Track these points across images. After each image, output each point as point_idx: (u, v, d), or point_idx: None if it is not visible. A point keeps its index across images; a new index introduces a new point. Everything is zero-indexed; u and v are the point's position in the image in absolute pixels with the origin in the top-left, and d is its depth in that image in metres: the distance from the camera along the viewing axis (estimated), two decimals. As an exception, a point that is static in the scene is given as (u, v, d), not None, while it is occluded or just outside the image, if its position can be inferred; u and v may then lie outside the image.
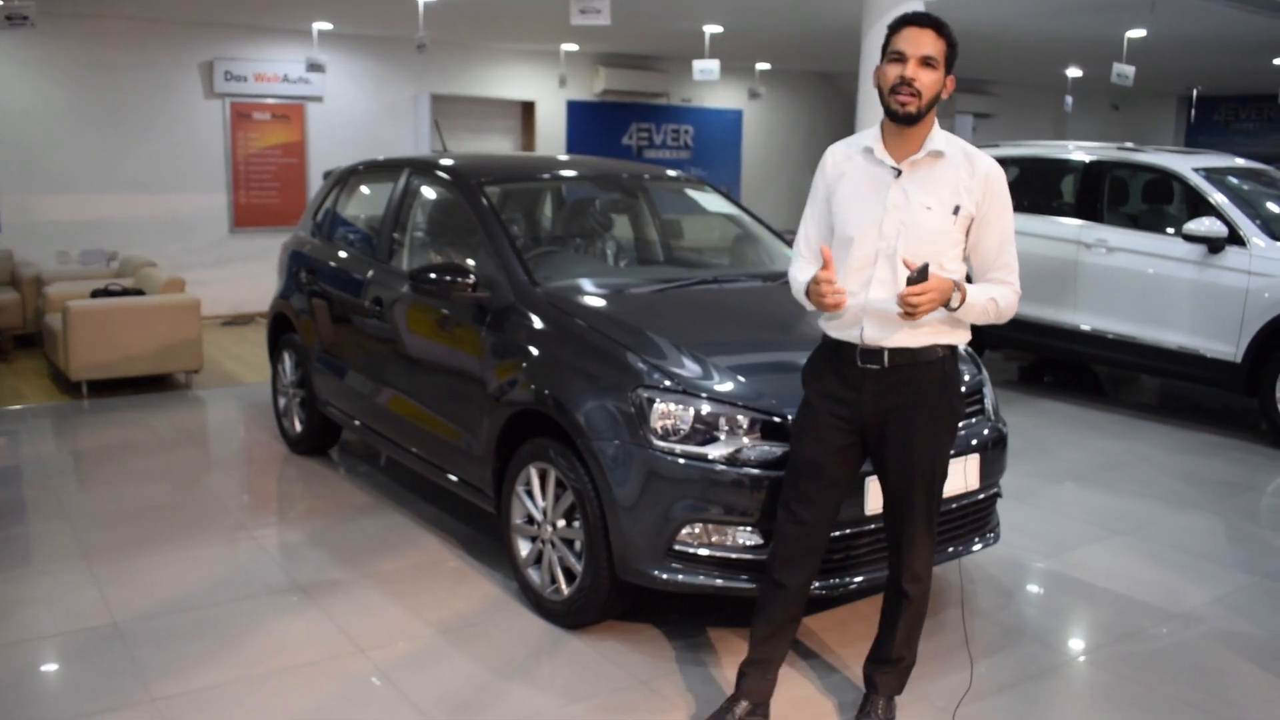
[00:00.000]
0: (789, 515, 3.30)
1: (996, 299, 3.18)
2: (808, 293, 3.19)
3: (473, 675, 3.78)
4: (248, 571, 4.70)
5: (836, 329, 3.22)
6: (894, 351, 3.14)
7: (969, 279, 3.22)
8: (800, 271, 3.33)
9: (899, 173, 3.13)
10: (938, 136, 3.14)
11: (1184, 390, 8.80)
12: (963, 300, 3.07)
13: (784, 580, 3.33)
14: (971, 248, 3.20)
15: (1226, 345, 7.13)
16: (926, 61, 3.03)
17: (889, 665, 3.46)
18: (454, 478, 4.78)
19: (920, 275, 2.94)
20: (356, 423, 5.67)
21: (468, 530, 5.20)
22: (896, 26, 3.08)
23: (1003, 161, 8.81)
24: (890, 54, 3.08)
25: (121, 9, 10.54)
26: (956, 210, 3.11)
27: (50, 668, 3.86)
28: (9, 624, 4.15)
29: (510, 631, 4.11)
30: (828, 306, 3.10)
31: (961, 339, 3.25)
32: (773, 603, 3.36)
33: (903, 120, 3.07)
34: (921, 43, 3.03)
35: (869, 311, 3.13)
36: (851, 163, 3.23)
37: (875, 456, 3.29)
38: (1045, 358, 9.49)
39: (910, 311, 2.96)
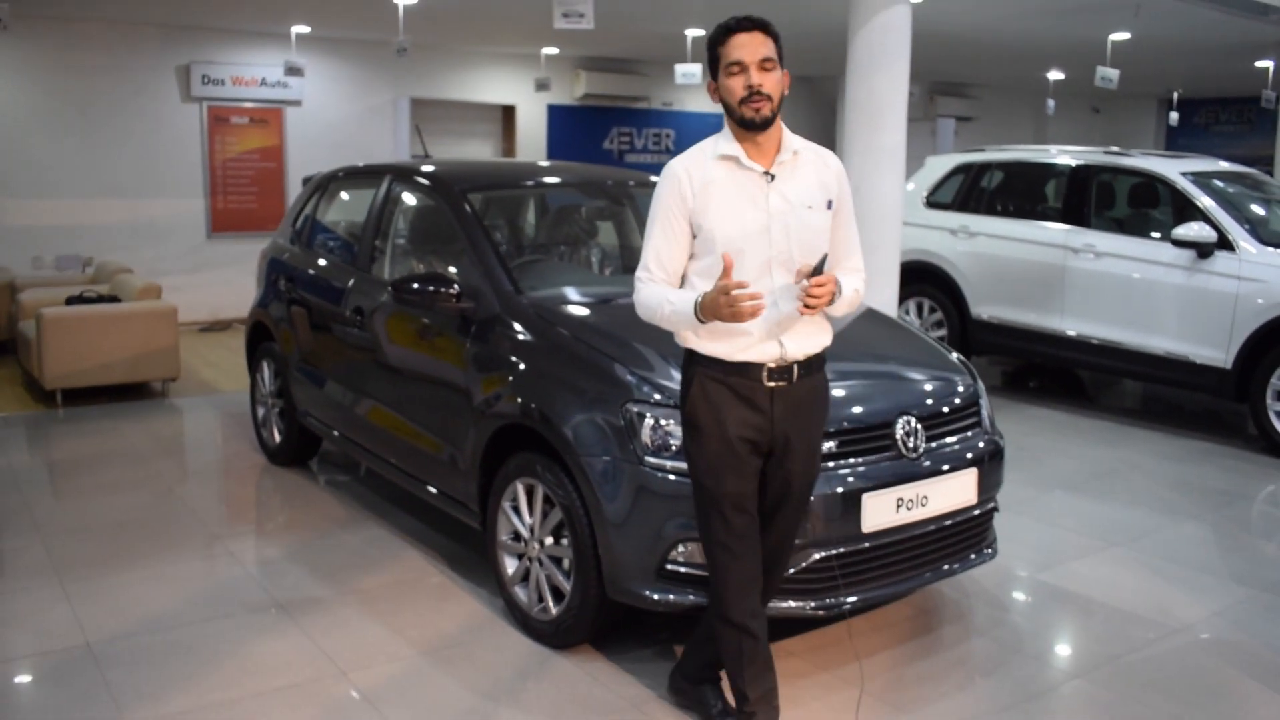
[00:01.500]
0: (731, 555, 3.15)
1: (859, 289, 3.20)
2: (701, 309, 2.94)
3: (458, 698, 3.67)
4: (225, 588, 4.58)
5: (742, 350, 3.05)
6: (802, 363, 3.11)
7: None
8: (668, 293, 3.07)
9: (771, 177, 3.06)
10: (790, 137, 3.12)
11: (1169, 395, 8.76)
12: (839, 294, 3.07)
13: (747, 623, 3.19)
14: (831, 240, 3.17)
15: (1216, 351, 7.08)
16: (765, 64, 3.00)
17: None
18: (435, 490, 4.67)
19: (819, 267, 2.95)
20: (336, 433, 5.55)
21: (450, 545, 5.08)
22: (722, 37, 3.02)
23: (987, 166, 8.79)
24: (728, 66, 3.01)
25: (97, 12, 10.38)
26: (829, 205, 3.13)
27: (20, 690, 3.73)
28: (-22, 646, 4.02)
29: (496, 652, 4.00)
30: (745, 316, 2.86)
31: (830, 338, 3.24)
32: (750, 643, 3.22)
33: (759, 126, 3.01)
34: (756, 47, 2.99)
35: (785, 324, 3.05)
36: (711, 174, 3.06)
37: (775, 471, 3.17)
38: (1031, 363, 9.44)
39: (813, 305, 2.91)
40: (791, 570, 3.58)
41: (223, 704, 3.59)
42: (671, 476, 3.56)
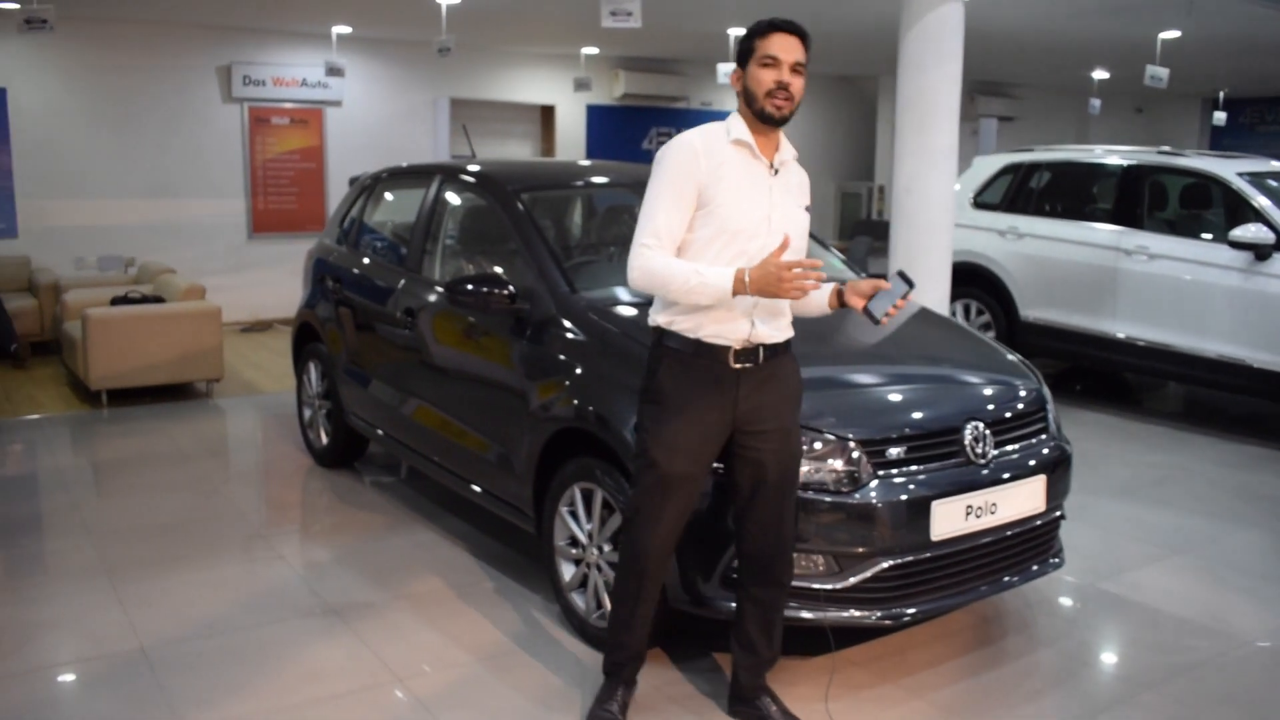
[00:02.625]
0: (653, 524, 3.26)
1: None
2: (752, 283, 2.98)
3: (516, 706, 3.61)
4: (277, 592, 4.54)
5: (709, 330, 3.14)
6: (768, 346, 3.20)
7: None
8: (682, 263, 3.09)
9: (776, 172, 3.22)
10: (785, 141, 3.28)
11: (1216, 399, 8.60)
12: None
13: (658, 581, 3.37)
14: None
15: (1275, 355, 6.93)
16: (797, 67, 3.12)
17: (771, 663, 3.48)
18: (491, 493, 4.61)
19: (908, 281, 3.22)
20: (382, 433, 5.51)
21: (501, 549, 5.03)
22: (764, 31, 3.13)
23: (1036, 166, 8.67)
24: (762, 58, 3.11)
25: (140, 13, 10.41)
26: (808, 209, 3.33)
27: (77, 695, 3.70)
28: (33, 648, 3.99)
29: (553, 659, 3.93)
30: (802, 293, 2.99)
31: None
32: (650, 603, 3.39)
33: (777, 122, 3.15)
34: (793, 50, 3.12)
35: (761, 307, 3.15)
36: (725, 154, 3.16)
37: (747, 453, 3.24)
38: (1077, 366, 9.30)
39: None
40: (856, 579, 3.51)
41: (280, 710, 3.55)
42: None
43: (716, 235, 3.12)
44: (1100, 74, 14.64)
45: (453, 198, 5.38)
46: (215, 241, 11.47)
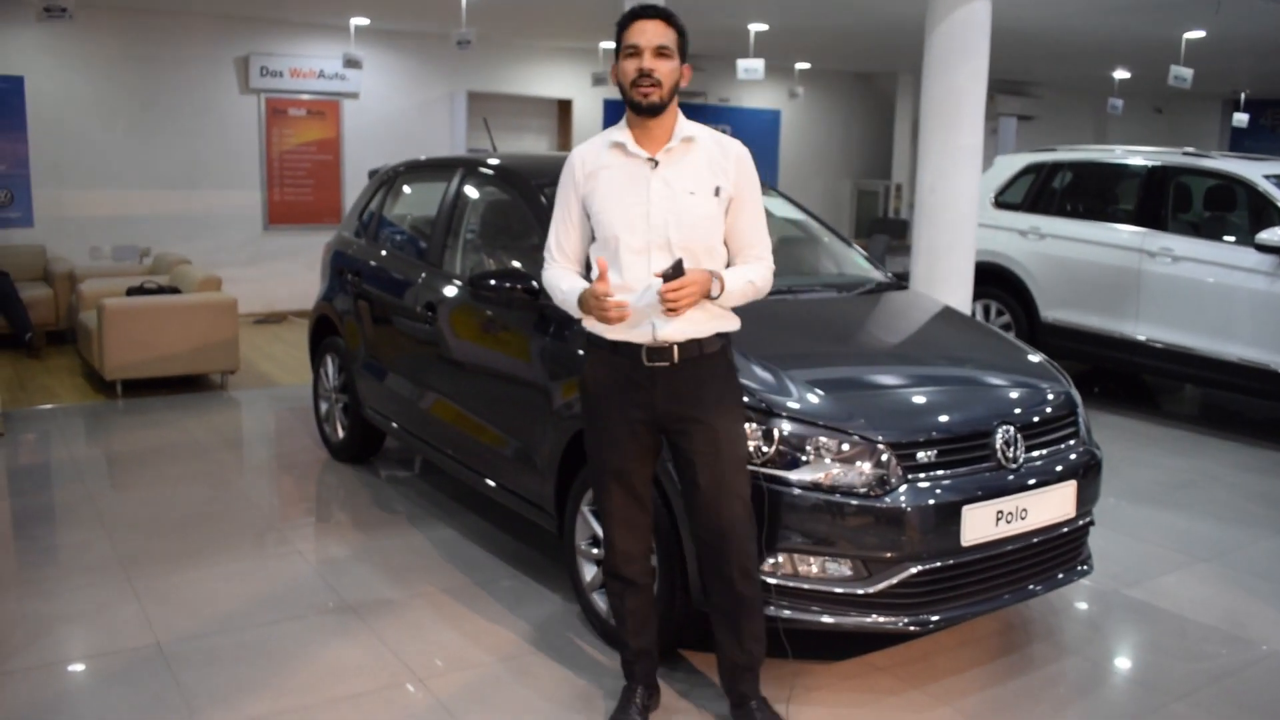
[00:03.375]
0: (612, 520, 3.31)
1: (753, 280, 3.21)
2: (582, 304, 3.12)
3: (536, 708, 3.56)
4: (293, 588, 4.50)
5: (616, 330, 3.15)
6: (683, 346, 3.14)
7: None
8: (562, 279, 3.25)
9: (655, 163, 3.13)
10: (685, 124, 3.18)
11: (1236, 403, 8.51)
12: (722, 288, 3.10)
13: (634, 578, 3.36)
14: (730, 228, 3.22)
15: (1300, 360, 6.86)
16: (661, 51, 3.06)
17: (747, 668, 3.34)
18: (510, 490, 4.56)
19: (675, 271, 2.96)
20: (396, 426, 5.47)
21: (518, 546, 4.98)
22: (625, 23, 3.11)
23: (1059, 166, 8.58)
24: (625, 49, 3.09)
25: (158, 3, 10.39)
26: (718, 191, 3.15)
27: (93, 691, 3.65)
28: (48, 642, 3.95)
29: (574, 660, 3.89)
30: (611, 320, 3.03)
31: (734, 324, 3.27)
32: (634, 597, 3.38)
33: (647, 111, 3.08)
34: (654, 34, 3.07)
35: (655, 307, 3.07)
36: (602, 160, 3.19)
37: (682, 458, 3.22)
38: (1099, 368, 9.22)
39: (672, 308, 2.96)
40: (884, 585, 3.45)
41: (298, 710, 3.50)
42: (763, 484, 3.43)
43: (603, 244, 3.16)
44: (1121, 74, 14.54)
45: (475, 191, 5.33)
46: (231, 233, 11.45)
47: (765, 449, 3.47)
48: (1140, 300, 7.74)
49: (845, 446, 3.48)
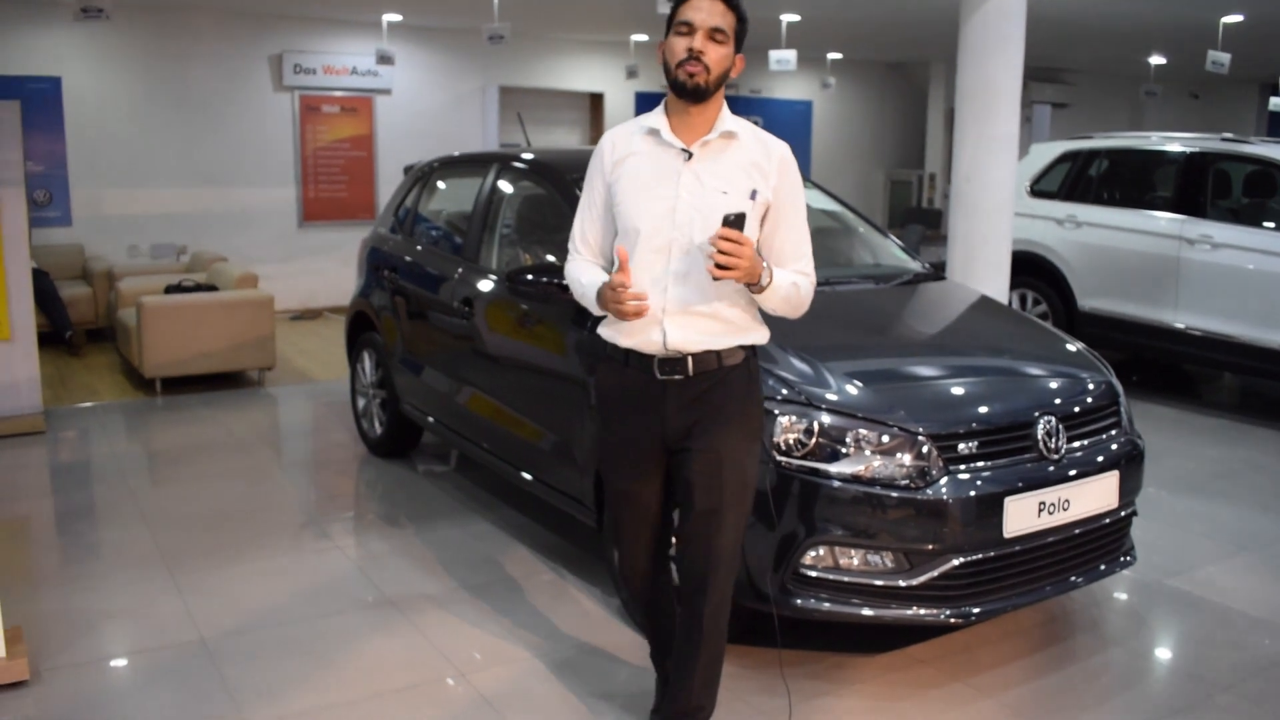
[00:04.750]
0: (621, 541, 3.18)
1: (799, 284, 2.91)
2: (600, 298, 2.86)
3: (579, 702, 3.56)
4: (335, 583, 4.53)
5: (627, 335, 2.90)
6: (698, 358, 2.87)
7: None
8: (583, 272, 3.00)
9: (689, 155, 2.85)
10: (729, 117, 2.90)
11: (1275, 391, 8.43)
12: (770, 280, 2.80)
13: (640, 593, 3.26)
14: (766, 238, 2.92)
15: (1344, 347, 6.77)
16: (715, 34, 2.78)
17: (688, 716, 3.06)
18: (547, 484, 4.57)
19: (737, 221, 2.64)
20: (434, 420, 5.50)
21: (557, 540, 4.99)
22: None
23: (1095, 154, 8.50)
24: (677, 25, 2.82)
25: (192, 2, 10.46)
26: (754, 195, 2.85)
27: (139, 686, 3.69)
28: (93, 638, 4.00)
29: (614, 654, 3.89)
30: (628, 316, 2.76)
31: (762, 337, 2.99)
32: (653, 613, 3.28)
33: (690, 94, 2.80)
34: (711, 13, 2.78)
35: (670, 313, 2.84)
36: (633, 146, 2.91)
37: (679, 473, 2.95)
38: (1134, 356, 9.14)
39: (723, 265, 2.63)
40: (926, 577, 3.44)
41: (343, 705, 3.52)
42: (802, 476, 3.42)
43: (622, 236, 2.90)
44: (1157, 59, 14.38)
45: (510, 186, 5.34)
46: (266, 230, 11.53)
47: (805, 441, 3.46)
48: (1179, 288, 7.66)
49: (885, 438, 3.47)
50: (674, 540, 3.28)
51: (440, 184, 6.13)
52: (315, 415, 7.51)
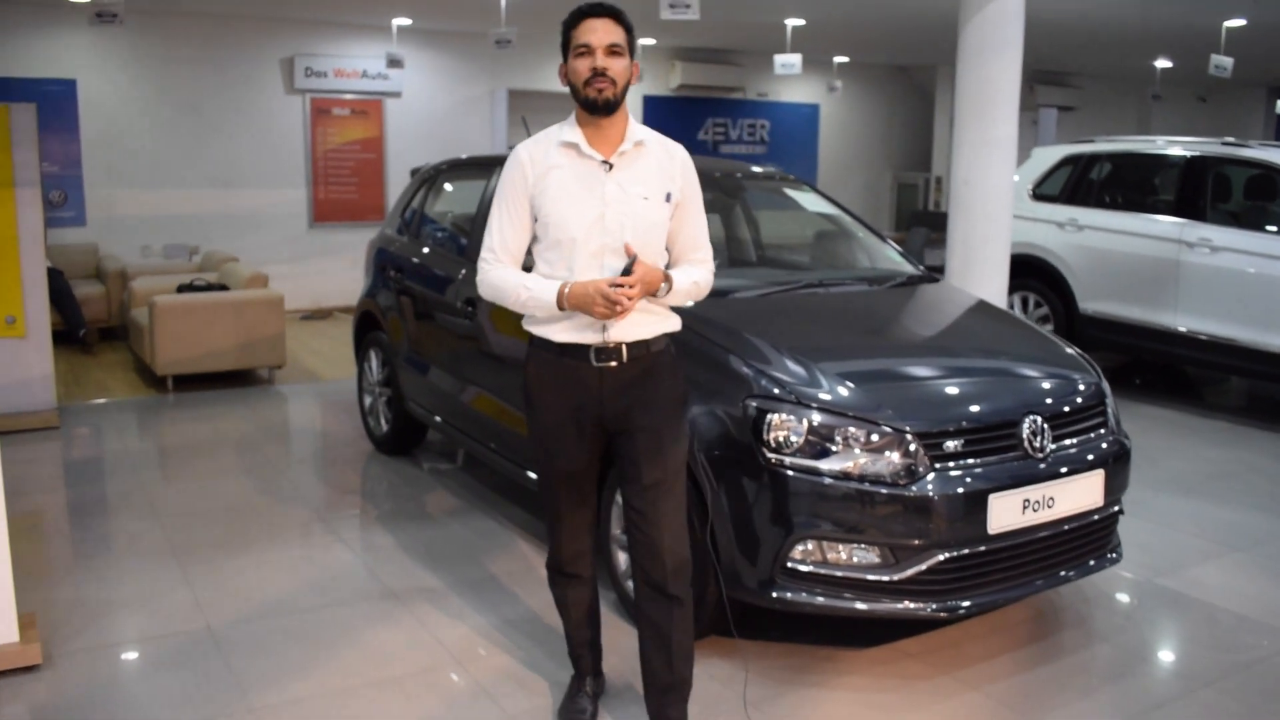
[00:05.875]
0: (557, 518, 3.32)
1: (698, 280, 3.19)
2: (568, 299, 2.99)
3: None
4: (339, 576, 4.64)
5: (564, 332, 3.09)
6: (631, 345, 3.10)
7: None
8: (525, 278, 3.10)
9: (610, 166, 3.06)
10: (636, 127, 3.13)
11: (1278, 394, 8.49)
12: (670, 287, 3.07)
13: (578, 572, 3.38)
14: (674, 232, 3.18)
15: (1341, 351, 6.84)
16: (612, 49, 3.01)
17: (675, 691, 3.23)
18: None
19: (628, 270, 2.94)
20: (439, 419, 5.60)
21: (558, 536, 5.09)
22: (574, 21, 3.06)
23: (1097, 157, 8.58)
24: (576, 49, 3.03)
25: (205, 6, 10.60)
26: (668, 197, 3.11)
27: (148, 672, 3.81)
28: (104, 625, 4.11)
29: (610, 646, 3.97)
30: (618, 315, 2.96)
31: (676, 325, 3.24)
32: (575, 591, 3.41)
33: (602, 109, 3.01)
34: (606, 33, 3.01)
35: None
36: (553, 160, 3.08)
37: (621, 452, 3.17)
38: (1136, 359, 9.21)
39: (622, 308, 2.91)
40: (912, 571, 3.53)
41: (343, 691, 3.63)
42: (792, 473, 3.52)
43: (551, 246, 3.07)
44: (1163, 63, 14.43)
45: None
46: (277, 230, 11.67)
47: (795, 439, 3.56)
48: (1179, 291, 7.73)
49: (874, 437, 3.56)
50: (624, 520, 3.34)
51: (445, 186, 6.24)
52: (323, 413, 7.63)
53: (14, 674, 3.70)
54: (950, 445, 3.60)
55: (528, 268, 3.18)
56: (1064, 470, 3.76)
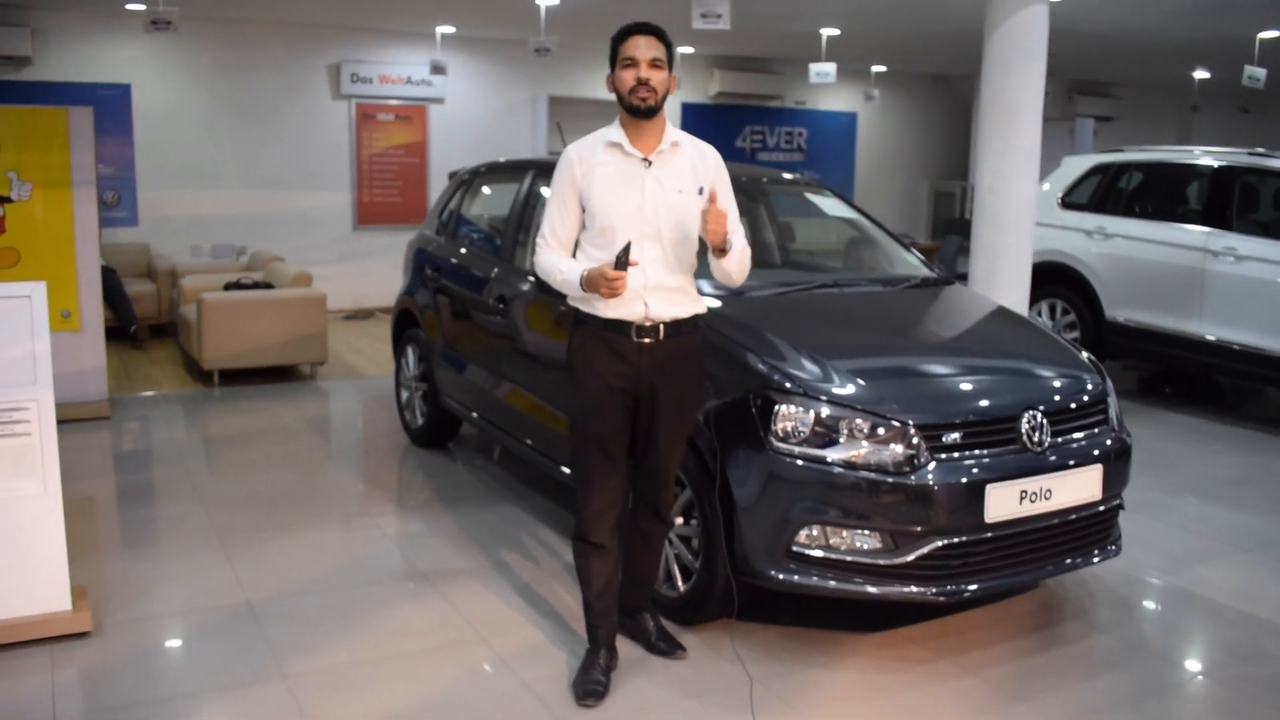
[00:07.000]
0: (590, 486, 3.61)
1: (746, 249, 3.63)
2: (585, 282, 3.45)
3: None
4: (372, 557, 4.86)
5: (613, 309, 3.50)
6: (669, 324, 3.54)
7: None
8: (560, 261, 3.59)
9: (649, 163, 3.52)
10: (672, 130, 3.59)
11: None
12: (731, 246, 3.48)
13: (604, 543, 3.64)
14: None
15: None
16: (654, 63, 3.47)
17: (650, 583, 3.98)
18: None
19: (623, 255, 3.31)
20: (475, 415, 5.81)
21: (583, 525, 5.28)
22: (622, 37, 3.52)
23: (1126, 167, 8.67)
24: (623, 61, 3.50)
25: (255, 13, 10.91)
26: (701, 190, 3.55)
27: (190, 642, 4.05)
28: (150, 599, 4.36)
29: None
30: (615, 296, 3.38)
31: (703, 308, 3.69)
32: (599, 561, 3.66)
33: (644, 114, 3.48)
34: (649, 48, 3.48)
35: (649, 289, 3.50)
36: (599, 158, 3.55)
37: (644, 419, 3.60)
38: (1168, 368, 9.28)
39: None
40: (912, 556, 3.69)
41: (372, 661, 3.85)
42: (800, 462, 3.70)
43: (598, 233, 3.52)
44: (1201, 74, 14.43)
45: (545, 191, 5.64)
46: (322, 232, 11.97)
47: (802, 430, 3.74)
48: (1204, 300, 7.81)
49: (880, 430, 3.74)
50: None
51: (481, 189, 6.46)
52: (363, 408, 7.88)
53: (66, 639, 3.95)
54: (951, 437, 3.76)
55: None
56: (1062, 464, 3.90)
